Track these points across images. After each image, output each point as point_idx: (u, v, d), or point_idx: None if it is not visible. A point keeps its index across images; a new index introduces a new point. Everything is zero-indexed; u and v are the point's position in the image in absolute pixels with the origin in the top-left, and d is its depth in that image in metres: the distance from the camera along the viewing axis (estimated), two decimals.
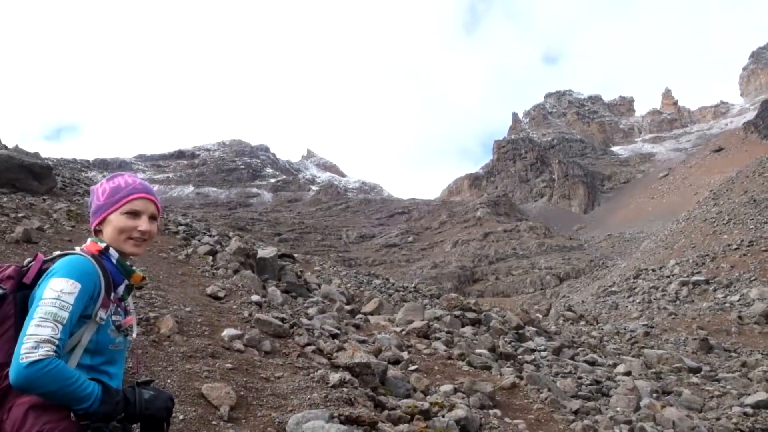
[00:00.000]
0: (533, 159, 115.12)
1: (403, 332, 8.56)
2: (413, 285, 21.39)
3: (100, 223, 1.87)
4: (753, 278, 21.35)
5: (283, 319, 6.39)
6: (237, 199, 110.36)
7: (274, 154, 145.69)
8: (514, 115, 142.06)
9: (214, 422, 3.77)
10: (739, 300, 18.99)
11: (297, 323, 6.57)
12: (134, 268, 1.89)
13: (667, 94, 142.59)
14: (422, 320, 9.36)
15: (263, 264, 10.67)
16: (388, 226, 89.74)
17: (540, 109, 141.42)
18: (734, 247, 25.14)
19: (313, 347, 5.71)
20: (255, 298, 7.25)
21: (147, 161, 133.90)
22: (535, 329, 12.04)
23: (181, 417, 3.68)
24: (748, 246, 24.79)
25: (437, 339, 8.48)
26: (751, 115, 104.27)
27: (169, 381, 4.11)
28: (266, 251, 11.56)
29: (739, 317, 17.32)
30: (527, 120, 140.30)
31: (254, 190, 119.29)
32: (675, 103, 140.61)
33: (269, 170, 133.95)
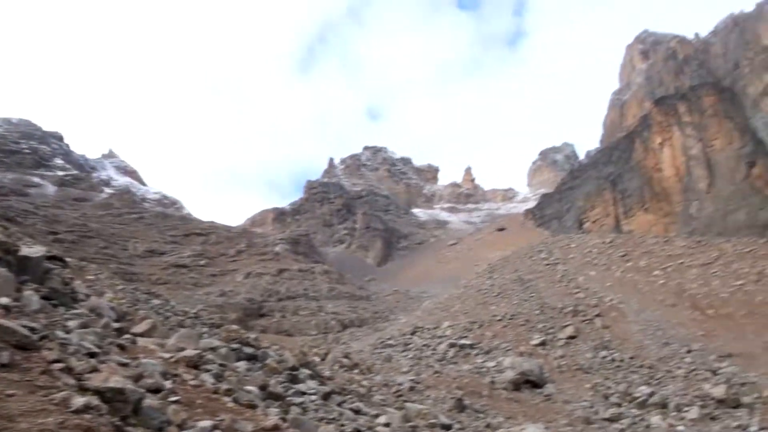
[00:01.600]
0: (340, 205, 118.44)
1: (172, 359, 8.06)
2: (195, 311, 20.46)
3: None
4: (509, 348, 23.81)
5: (33, 329, 5.65)
6: (12, 186, 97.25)
7: (67, 145, 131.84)
8: (331, 159, 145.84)
9: None
10: (495, 366, 21.00)
11: (50, 335, 5.87)
12: None
13: (468, 171, 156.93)
14: (195, 349, 8.91)
15: (25, 263, 9.44)
16: (181, 245, 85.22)
17: (356, 159, 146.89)
18: (498, 318, 27.93)
19: (62, 365, 5.11)
20: (4, 300, 6.36)
21: None
22: (309, 372, 12.11)
23: None
24: (510, 319, 27.70)
25: (207, 371, 8.12)
26: (531, 204, 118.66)
27: None
28: (32, 249, 10.27)
29: (492, 382, 19.10)
30: (342, 167, 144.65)
31: (36, 179, 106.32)
32: (473, 181, 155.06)
33: (59, 161, 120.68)
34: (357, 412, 10.54)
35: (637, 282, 34.43)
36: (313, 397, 10.09)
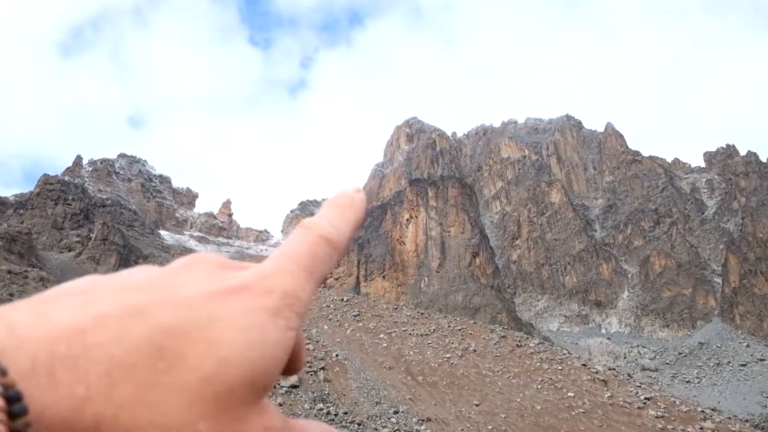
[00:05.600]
0: (78, 209, 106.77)
1: None
2: None
3: None
4: None
5: None
6: None
7: None
8: (78, 158, 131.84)
9: None
10: None
11: None
12: None
13: (227, 204, 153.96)
14: None
15: None
16: None
17: (108, 165, 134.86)
18: None
19: None
20: None
21: None
22: None
23: None
24: None
25: None
26: None
27: None
28: None
29: None
30: (90, 169, 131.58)
31: None
32: (230, 215, 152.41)
33: None
34: None
35: (363, 342, 36.48)
36: None
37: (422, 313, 44.69)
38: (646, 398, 31.23)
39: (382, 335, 37.81)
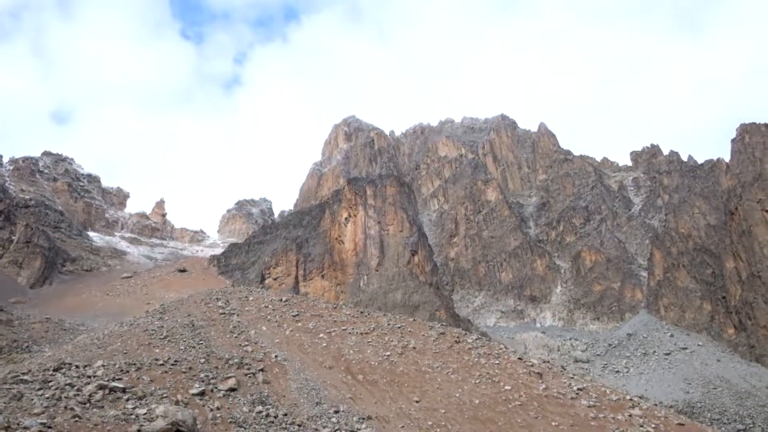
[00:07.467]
0: None
1: None
2: None
3: None
4: (165, 395, 22.47)
5: None
6: None
7: None
8: None
9: None
10: (145, 414, 19.51)
11: None
12: None
13: (160, 204, 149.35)
14: None
15: None
16: None
17: (30, 163, 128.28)
18: (161, 362, 26.33)
19: None
20: None
21: None
22: None
23: None
24: (172, 364, 26.34)
25: None
26: (218, 251, 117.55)
27: None
28: None
29: (138, 431, 17.66)
30: (12, 168, 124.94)
31: None
32: (164, 215, 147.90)
33: None
34: None
35: (303, 342, 36.14)
36: None
37: (362, 312, 44.71)
38: (578, 389, 32.33)
39: (321, 335, 37.60)
